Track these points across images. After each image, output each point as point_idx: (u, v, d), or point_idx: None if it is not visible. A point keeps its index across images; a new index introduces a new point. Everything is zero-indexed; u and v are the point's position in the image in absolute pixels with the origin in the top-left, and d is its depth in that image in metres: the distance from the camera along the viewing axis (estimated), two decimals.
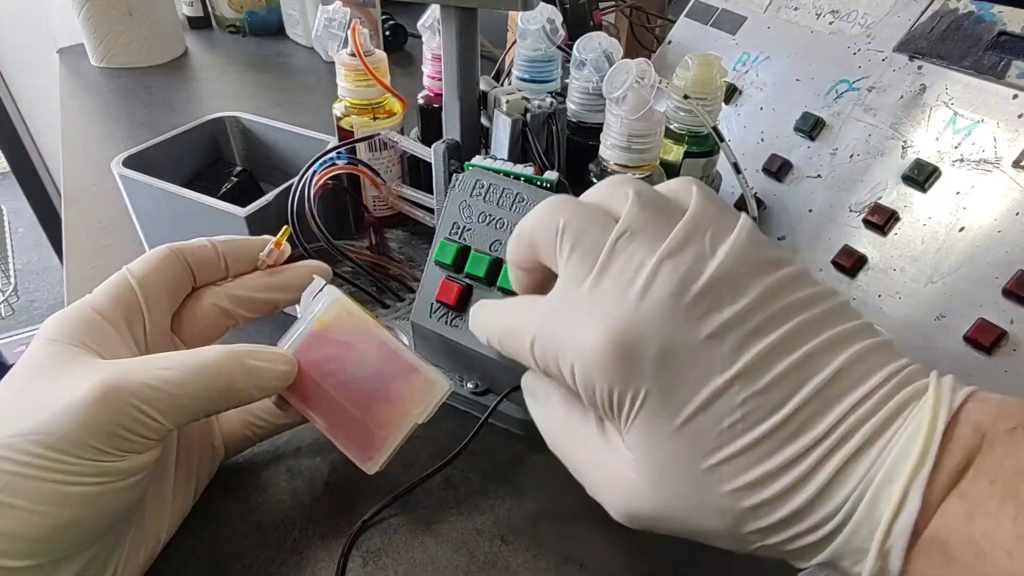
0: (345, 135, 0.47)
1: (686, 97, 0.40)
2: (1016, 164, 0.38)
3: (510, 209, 0.35)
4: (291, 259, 0.35)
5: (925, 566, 0.18)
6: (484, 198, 0.36)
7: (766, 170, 0.50)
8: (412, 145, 0.45)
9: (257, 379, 0.28)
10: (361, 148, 0.45)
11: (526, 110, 0.44)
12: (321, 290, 0.30)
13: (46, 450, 0.23)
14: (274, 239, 0.33)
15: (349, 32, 0.43)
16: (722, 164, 0.46)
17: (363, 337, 0.29)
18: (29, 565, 0.23)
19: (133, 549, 0.28)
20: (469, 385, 0.38)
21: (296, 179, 0.41)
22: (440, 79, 0.44)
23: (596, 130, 0.41)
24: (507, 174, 0.35)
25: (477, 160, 0.36)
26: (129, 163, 0.45)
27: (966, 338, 0.37)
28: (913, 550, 0.18)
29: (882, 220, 0.42)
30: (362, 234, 0.51)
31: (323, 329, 0.29)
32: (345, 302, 0.30)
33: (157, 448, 0.26)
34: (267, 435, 0.34)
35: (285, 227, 0.34)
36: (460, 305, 0.36)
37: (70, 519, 0.23)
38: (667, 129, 0.44)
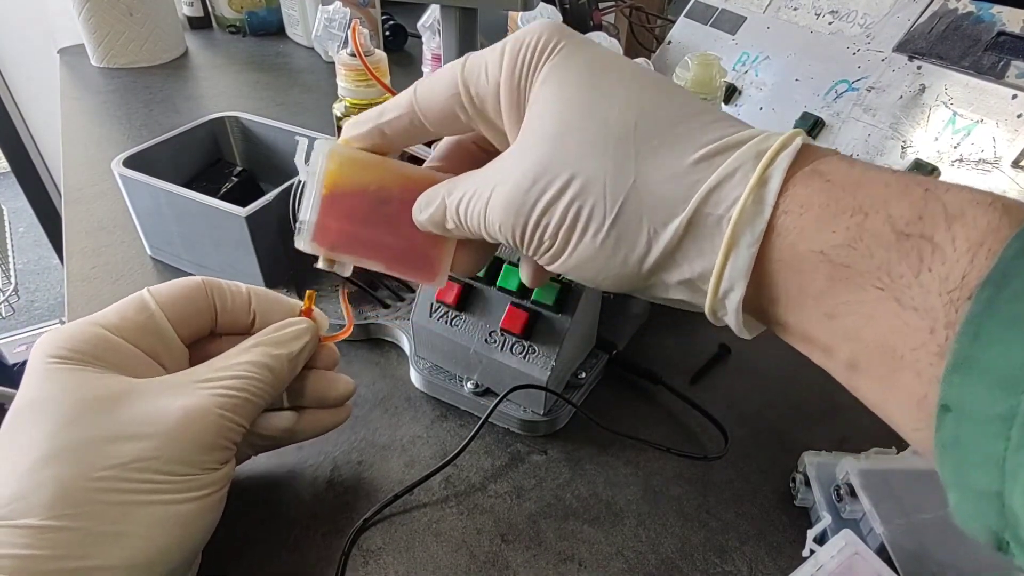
0: None
1: None
2: (1015, 164, 0.38)
3: None
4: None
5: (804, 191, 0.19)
6: None
7: None
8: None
9: (296, 359, 0.30)
10: None
11: None
12: (310, 149, 0.29)
13: (155, 474, 0.24)
14: (303, 306, 0.32)
15: (349, 32, 0.43)
16: None
17: (376, 172, 0.28)
18: None
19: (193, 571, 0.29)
20: (469, 385, 0.38)
21: (296, 179, 0.41)
22: None
23: None
24: None
25: None
26: (129, 163, 0.46)
27: None
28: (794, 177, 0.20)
29: None
30: None
31: (334, 184, 0.28)
32: (340, 149, 0.28)
33: (233, 454, 0.27)
34: (266, 448, 0.33)
35: (309, 292, 0.32)
36: (460, 305, 0.37)
37: (179, 538, 0.24)
38: None
